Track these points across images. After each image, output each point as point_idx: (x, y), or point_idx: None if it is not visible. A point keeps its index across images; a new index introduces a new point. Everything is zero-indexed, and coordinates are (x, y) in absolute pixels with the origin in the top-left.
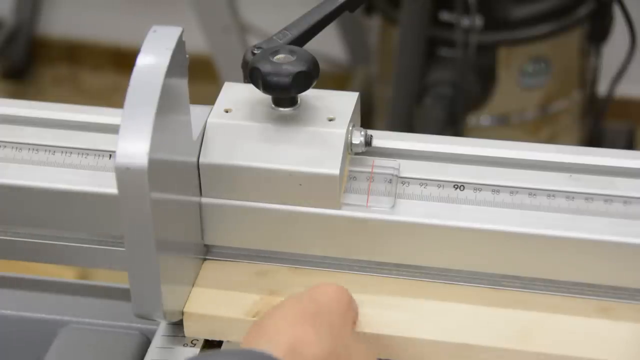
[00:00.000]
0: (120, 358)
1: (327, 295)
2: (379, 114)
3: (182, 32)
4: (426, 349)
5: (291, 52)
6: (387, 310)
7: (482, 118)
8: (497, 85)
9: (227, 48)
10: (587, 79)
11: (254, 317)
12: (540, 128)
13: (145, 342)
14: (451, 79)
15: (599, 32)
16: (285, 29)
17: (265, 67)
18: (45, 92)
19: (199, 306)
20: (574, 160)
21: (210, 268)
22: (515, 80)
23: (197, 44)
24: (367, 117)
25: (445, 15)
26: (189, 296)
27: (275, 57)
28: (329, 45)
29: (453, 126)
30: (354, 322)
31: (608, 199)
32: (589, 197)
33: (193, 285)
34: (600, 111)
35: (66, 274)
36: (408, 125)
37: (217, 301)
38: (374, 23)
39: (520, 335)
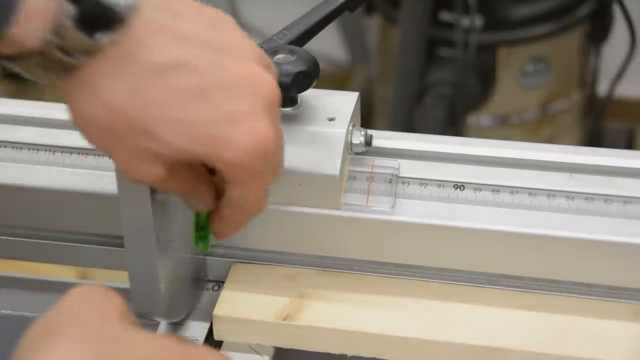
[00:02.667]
0: None
1: (75, 297)
2: (379, 114)
3: None
4: (425, 348)
5: (291, 52)
6: (387, 310)
7: (482, 118)
8: (497, 85)
9: None
10: (587, 79)
11: (284, 319)
12: (540, 128)
13: None
14: (451, 79)
15: (599, 32)
16: (285, 29)
17: None
18: (46, 92)
19: (229, 309)
20: (574, 160)
21: (239, 271)
22: (515, 80)
23: None
24: (367, 117)
25: (445, 15)
26: (193, 298)
27: (275, 57)
28: (329, 45)
29: (453, 126)
30: (124, 316)
31: (608, 198)
32: (589, 197)
33: (195, 286)
34: (600, 111)
35: (66, 274)
36: (408, 125)
37: (247, 304)
38: (374, 23)
39: (520, 333)
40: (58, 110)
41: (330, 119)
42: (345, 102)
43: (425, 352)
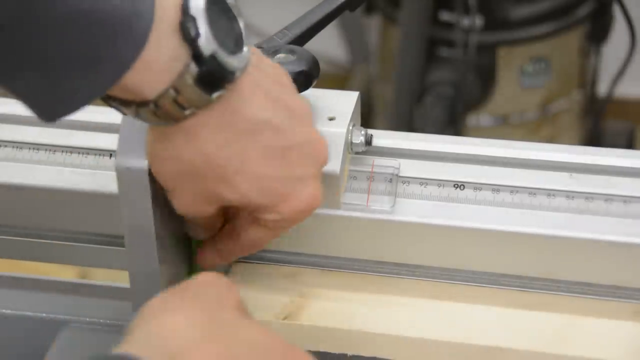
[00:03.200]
0: None
1: (198, 281)
2: (379, 114)
3: None
4: (425, 348)
5: (291, 52)
6: (387, 310)
7: (482, 118)
8: (497, 85)
9: None
10: (587, 78)
11: (284, 319)
12: (540, 128)
13: None
14: (451, 79)
15: (599, 32)
16: (286, 28)
17: None
18: None
19: None
20: (574, 160)
21: (239, 271)
22: (515, 80)
23: None
24: (367, 117)
25: (445, 15)
26: None
27: (276, 57)
28: (329, 45)
29: (453, 126)
30: (239, 306)
31: (608, 198)
32: (589, 196)
33: None
34: (600, 111)
35: (66, 274)
36: (408, 125)
37: (247, 304)
38: (374, 23)
39: (520, 332)
40: None
41: (331, 119)
42: (345, 102)
43: (425, 352)
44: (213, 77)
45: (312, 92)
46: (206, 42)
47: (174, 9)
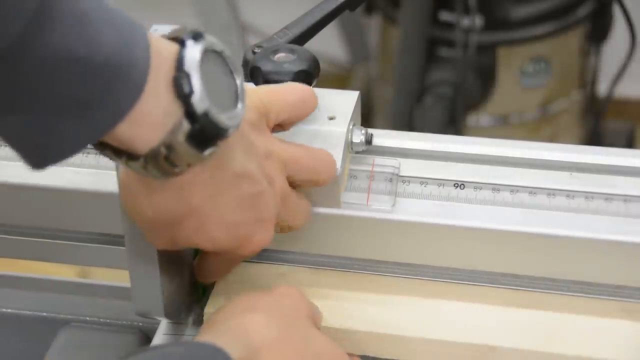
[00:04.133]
0: (121, 356)
1: (278, 291)
2: (379, 114)
3: None
4: (426, 347)
5: (291, 51)
6: (387, 309)
7: (482, 118)
8: (497, 85)
9: (227, 47)
10: (587, 78)
11: None
12: (540, 128)
13: (146, 341)
14: (451, 79)
15: (599, 32)
16: (286, 27)
17: (266, 66)
18: None
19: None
20: (574, 159)
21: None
22: (515, 80)
23: None
24: (367, 117)
25: (445, 15)
26: (193, 295)
27: (276, 56)
28: (329, 45)
29: (453, 126)
30: (311, 317)
31: (608, 197)
32: (589, 195)
33: (195, 285)
34: (600, 111)
35: (66, 273)
36: (408, 125)
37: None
38: (374, 23)
39: (521, 330)
40: None
41: (331, 118)
42: (345, 101)
43: (421, 350)
44: (205, 135)
45: None
46: (199, 99)
47: (170, 59)
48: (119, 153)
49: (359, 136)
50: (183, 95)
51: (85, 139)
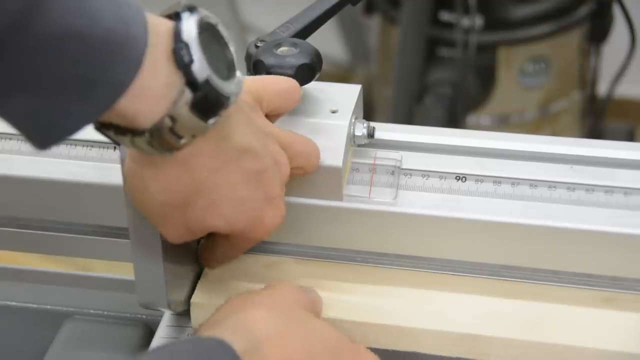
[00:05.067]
0: (125, 349)
1: (276, 286)
2: (379, 113)
3: None
4: (429, 339)
5: (294, 45)
6: (391, 301)
7: (482, 118)
8: (497, 85)
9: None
10: (587, 79)
11: None
12: (540, 128)
13: (149, 333)
14: (451, 79)
15: (599, 32)
16: (288, 22)
17: (268, 60)
18: None
19: (207, 297)
20: (574, 152)
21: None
22: (515, 80)
23: None
24: (367, 117)
25: (445, 15)
26: (195, 287)
27: (279, 50)
28: (329, 45)
29: (453, 126)
30: (311, 308)
31: (609, 190)
32: (589, 188)
33: (199, 276)
34: (600, 111)
35: (68, 266)
36: (408, 124)
37: (225, 292)
38: (374, 23)
39: (526, 326)
40: None
41: (333, 111)
42: (347, 95)
43: (413, 340)
44: (208, 103)
45: (314, 85)
46: (200, 68)
47: (166, 35)
48: (124, 132)
49: (361, 129)
50: (184, 65)
51: (89, 115)
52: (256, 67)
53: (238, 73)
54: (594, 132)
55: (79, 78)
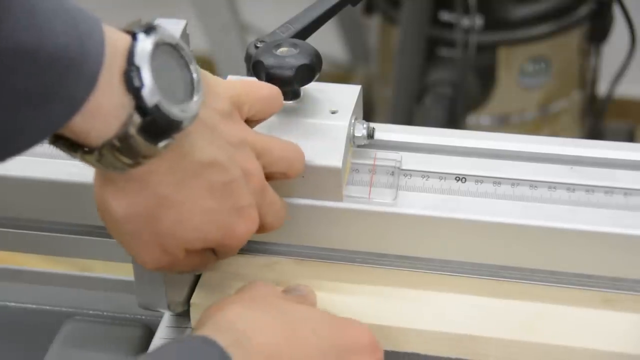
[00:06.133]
0: (124, 349)
1: (249, 285)
2: (379, 114)
3: (186, 25)
4: (429, 340)
5: (294, 46)
6: (390, 302)
7: (482, 118)
8: (497, 85)
9: (227, 47)
10: (587, 79)
11: None
12: (540, 128)
13: (149, 334)
14: (451, 79)
15: (599, 32)
16: (288, 22)
17: (268, 60)
18: None
19: (207, 297)
20: (574, 153)
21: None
22: (515, 80)
23: (197, 43)
24: (367, 117)
25: (445, 15)
26: (195, 287)
27: (279, 50)
28: (329, 45)
29: (453, 126)
30: (289, 298)
31: (609, 190)
32: (589, 189)
33: (199, 277)
34: (600, 111)
35: (66, 267)
36: (408, 125)
37: (225, 293)
38: (374, 23)
39: (524, 326)
40: None
41: (333, 112)
42: (347, 95)
43: (412, 341)
44: (157, 128)
45: (314, 86)
46: (149, 93)
47: (123, 52)
48: (75, 148)
49: (360, 130)
50: (133, 89)
51: (42, 131)
52: (256, 67)
53: (196, 96)
54: (594, 132)
55: (32, 94)
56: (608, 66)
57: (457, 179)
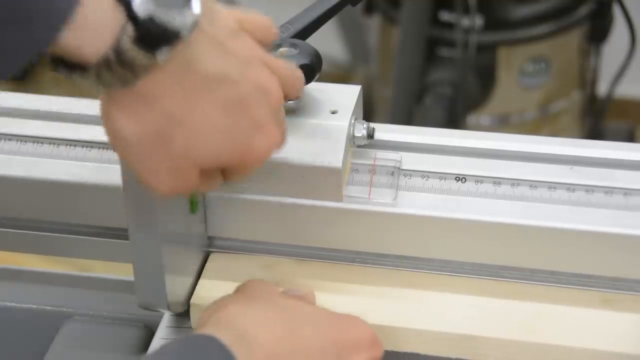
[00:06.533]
0: (124, 349)
1: (245, 284)
2: (379, 114)
3: None
4: (429, 340)
5: (294, 46)
6: (390, 302)
7: (482, 118)
8: (497, 85)
9: None
10: (587, 79)
11: None
12: (540, 128)
13: (149, 334)
14: (451, 79)
15: (599, 32)
16: (288, 22)
17: None
18: (45, 92)
19: (206, 298)
20: (574, 153)
21: (217, 260)
22: (515, 80)
23: None
24: (367, 117)
25: (445, 15)
26: (195, 288)
27: (278, 51)
28: (329, 45)
29: (453, 126)
30: (286, 295)
31: (608, 190)
32: (589, 189)
33: (199, 277)
34: (600, 111)
35: (67, 267)
36: (408, 125)
37: (225, 293)
38: (374, 23)
39: (524, 327)
40: (62, 104)
41: (333, 112)
42: (347, 95)
43: (412, 341)
44: (153, 38)
45: (314, 86)
46: (140, 2)
47: None
48: (74, 68)
49: (360, 130)
50: (123, 0)
51: (30, 49)
52: None
53: (194, 3)
54: (594, 132)
55: (16, 10)
56: (608, 66)
57: (457, 179)
